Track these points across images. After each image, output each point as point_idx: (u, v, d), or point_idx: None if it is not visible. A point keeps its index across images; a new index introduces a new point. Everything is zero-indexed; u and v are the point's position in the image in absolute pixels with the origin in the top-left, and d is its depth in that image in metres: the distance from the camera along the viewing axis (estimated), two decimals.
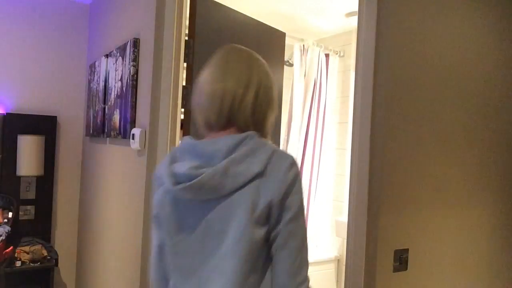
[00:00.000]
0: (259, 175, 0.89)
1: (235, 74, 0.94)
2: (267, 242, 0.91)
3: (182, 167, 0.91)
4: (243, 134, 0.91)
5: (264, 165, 0.89)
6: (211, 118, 0.96)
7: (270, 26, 2.28)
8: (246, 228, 0.88)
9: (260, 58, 1.02)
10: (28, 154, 2.85)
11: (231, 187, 0.89)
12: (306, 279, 0.92)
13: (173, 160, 0.96)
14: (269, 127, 1.01)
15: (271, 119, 1.01)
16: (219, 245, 0.91)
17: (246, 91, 0.94)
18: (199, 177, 0.88)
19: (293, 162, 0.92)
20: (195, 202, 0.93)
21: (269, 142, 0.96)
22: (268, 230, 0.90)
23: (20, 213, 2.90)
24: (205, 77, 0.97)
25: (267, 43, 2.25)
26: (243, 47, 1.02)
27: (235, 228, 0.89)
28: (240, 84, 0.94)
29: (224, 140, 0.91)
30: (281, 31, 2.37)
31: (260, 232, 0.89)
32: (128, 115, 2.02)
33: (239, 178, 0.89)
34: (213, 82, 0.95)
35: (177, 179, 0.91)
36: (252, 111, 0.95)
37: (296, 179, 0.91)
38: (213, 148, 0.91)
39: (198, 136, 0.99)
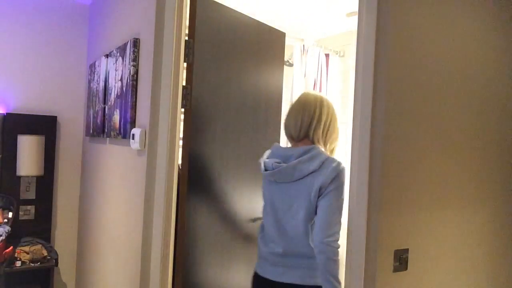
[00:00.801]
0: (315, 171, 1.51)
1: (310, 112, 1.59)
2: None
3: (270, 161, 1.59)
4: (309, 146, 1.55)
5: (319, 166, 1.51)
6: (293, 134, 1.63)
7: (270, 26, 2.28)
8: (305, 202, 1.52)
9: (328, 100, 1.65)
10: (28, 154, 2.85)
11: (297, 176, 1.53)
12: (334, 234, 1.46)
13: (266, 157, 1.65)
14: (331, 142, 1.65)
15: (333, 137, 1.65)
16: (288, 210, 1.57)
17: (317, 123, 1.59)
18: (279, 168, 1.55)
19: (336, 165, 1.51)
20: (275, 183, 1.60)
21: (325, 152, 1.58)
22: (317, 203, 1.51)
23: (20, 213, 2.89)
24: (291, 110, 1.65)
25: (267, 43, 2.25)
26: (316, 93, 1.67)
27: (298, 201, 1.54)
28: (313, 118, 1.59)
29: (297, 149, 1.56)
30: (281, 31, 2.37)
31: (313, 204, 1.51)
32: (128, 115, 2.02)
33: (302, 172, 1.52)
34: (296, 115, 1.61)
35: (267, 168, 1.59)
36: (320, 133, 1.60)
37: (337, 175, 1.50)
38: (290, 153, 1.57)
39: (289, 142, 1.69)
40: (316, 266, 1.48)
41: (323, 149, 1.59)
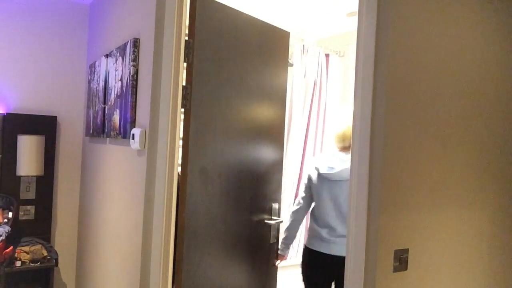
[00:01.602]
0: None
1: (350, 132, 2.13)
2: None
3: (326, 165, 2.27)
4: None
5: None
6: (340, 145, 2.30)
7: (273, 26, 2.27)
8: (347, 196, 2.03)
9: None
10: (28, 154, 2.85)
11: (342, 178, 2.20)
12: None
13: (323, 160, 2.31)
14: None
15: None
16: (334, 202, 2.24)
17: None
18: (332, 171, 2.22)
19: None
20: (327, 181, 2.25)
21: None
22: None
23: (20, 213, 2.90)
24: (338, 132, 2.32)
25: (270, 43, 2.24)
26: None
27: (343, 196, 2.21)
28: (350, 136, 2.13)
29: (344, 155, 2.25)
30: (285, 31, 2.35)
31: None
32: (128, 115, 2.02)
33: (347, 175, 2.11)
34: (339, 135, 2.30)
35: (324, 170, 2.26)
36: None
37: None
38: (337, 159, 2.25)
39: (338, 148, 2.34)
40: None
41: None
